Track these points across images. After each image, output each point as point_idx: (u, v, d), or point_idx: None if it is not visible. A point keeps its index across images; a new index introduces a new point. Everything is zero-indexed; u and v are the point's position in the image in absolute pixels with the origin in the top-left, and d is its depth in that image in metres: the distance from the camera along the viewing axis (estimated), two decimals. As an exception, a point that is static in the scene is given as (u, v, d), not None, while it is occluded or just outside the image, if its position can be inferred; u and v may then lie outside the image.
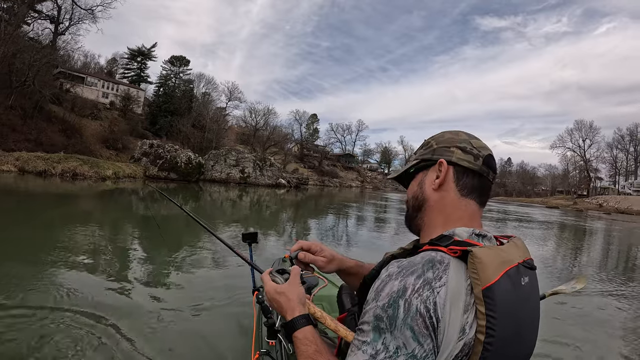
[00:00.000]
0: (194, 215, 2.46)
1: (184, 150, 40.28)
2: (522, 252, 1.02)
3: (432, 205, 1.08)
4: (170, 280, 5.81)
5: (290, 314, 1.12)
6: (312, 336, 1.06)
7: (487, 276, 0.85)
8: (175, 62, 64.46)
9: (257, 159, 47.54)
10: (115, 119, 48.59)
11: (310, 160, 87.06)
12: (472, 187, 1.05)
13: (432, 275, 0.85)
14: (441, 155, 1.08)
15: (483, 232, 1.00)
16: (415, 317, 0.82)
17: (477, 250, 0.87)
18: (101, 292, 4.85)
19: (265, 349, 2.48)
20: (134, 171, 34.27)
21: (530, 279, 0.98)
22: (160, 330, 4.01)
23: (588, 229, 25.16)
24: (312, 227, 14.04)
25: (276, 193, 36.61)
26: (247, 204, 23.09)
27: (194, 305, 4.75)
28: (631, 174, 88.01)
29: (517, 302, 0.91)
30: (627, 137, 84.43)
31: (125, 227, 10.71)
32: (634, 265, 11.26)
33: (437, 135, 1.17)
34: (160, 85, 63.69)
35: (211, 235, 2.31)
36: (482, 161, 1.05)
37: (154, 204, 18.46)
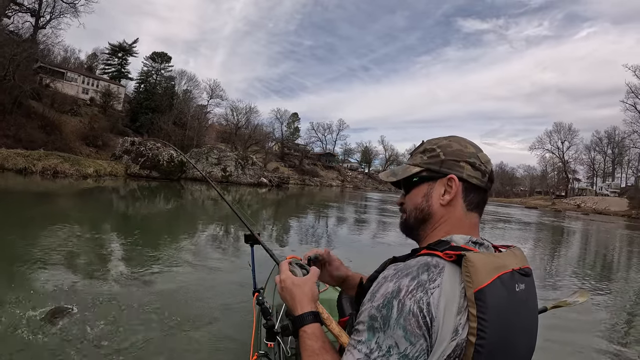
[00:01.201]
0: (237, 210, 2.40)
1: (166, 148, 39.98)
2: (518, 260, 1.03)
3: (437, 220, 1.09)
4: (168, 281, 5.87)
5: (301, 308, 1.14)
6: (320, 332, 1.09)
7: (479, 279, 0.88)
8: (156, 59, 63.98)
9: (239, 158, 47.43)
10: (95, 115, 47.99)
11: (291, 159, 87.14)
12: (477, 203, 1.08)
13: (426, 278, 0.88)
14: (450, 169, 1.08)
15: (480, 240, 1.04)
16: (407, 317, 0.85)
17: (470, 255, 0.90)
18: (97, 292, 4.92)
19: (263, 351, 2.56)
20: (115, 169, 34.02)
21: (527, 287, 1.01)
22: (159, 330, 4.09)
23: (570, 230, 26.38)
24: (296, 227, 14.32)
25: (258, 192, 36.70)
26: (233, 203, 23.02)
27: (193, 306, 4.85)
28: (608, 176, 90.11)
29: (510, 308, 0.93)
30: (605, 139, 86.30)
31: (119, 227, 10.75)
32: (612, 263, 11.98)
33: (442, 142, 1.13)
34: (141, 82, 63.19)
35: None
36: (488, 177, 1.08)
37: (135, 202, 18.58)
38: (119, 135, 45.38)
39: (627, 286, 8.81)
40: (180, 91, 66.07)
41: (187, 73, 67.94)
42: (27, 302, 4.37)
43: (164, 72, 64.42)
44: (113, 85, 59.44)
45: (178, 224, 13.03)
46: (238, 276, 6.25)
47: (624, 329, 5.85)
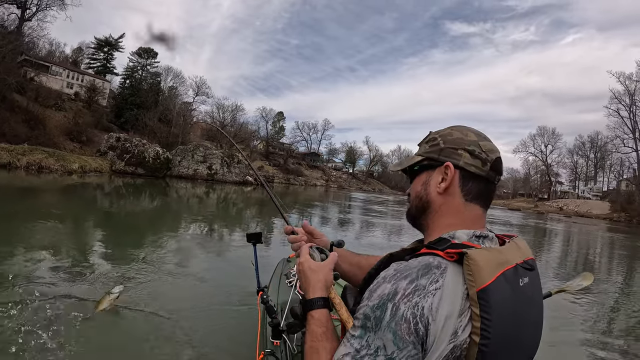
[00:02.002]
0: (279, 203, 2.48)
1: (152, 145, 39.96)
2: (522, 253, 1.02)
3: (436, 209, 1.09)
4: (173, 280, 5.90)
5: (313, 292, 1.15)
6: (326, 319, 1.09)
7: (482, 278, 0.86)
8: (142, 54, 63.13)
9: (224, 156, 47.47)
10: (79, 110, 47.26)
11: (276, 158, 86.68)
12: (477, 193, 1.05)
13: (426, 281, 0.87)
14: (448, 157, 1.07)
15: (484, 233, 1.02)
16: (399, 322, 0.84)
17: (472, 252, 0.88)
18: (99, 291, 4.89)
19: (269, 349, 2.57)
20: (101, 165, 34.03)
21: (531, 280, 0.99)
22: (164, 329, 4.15)
23: (554, 231, 27.18)
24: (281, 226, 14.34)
25: (243, 190, 36.89)
26: (227, 203, 23.36)
27: (198, 305, 4.91)
28: (591, 180, 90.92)
29: (514, 304, 0.92)
30: (588, 144, 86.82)
31: (116, 225, 10.81)
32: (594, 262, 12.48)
33: (445, 131, 1.13)
34: (126, 77, 62.27)
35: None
36: (490, 166, 1.04)
37: (120, 200, 18.51)
38: (104, 131, 45.01)
39: (610, 285, 9.34)
40: (165, 87, 65.45)
41: (174, 69, 67.48)
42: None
43: (150, 67, 63.63)
44: (98, 80, 58.66)
45: (173, 221, 13.09)
46: (241, 275, 6.23)
47: (608, 323, 6.26)
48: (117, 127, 51.03)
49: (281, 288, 3.62)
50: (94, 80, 57.60)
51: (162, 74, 65.44)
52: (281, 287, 3.64)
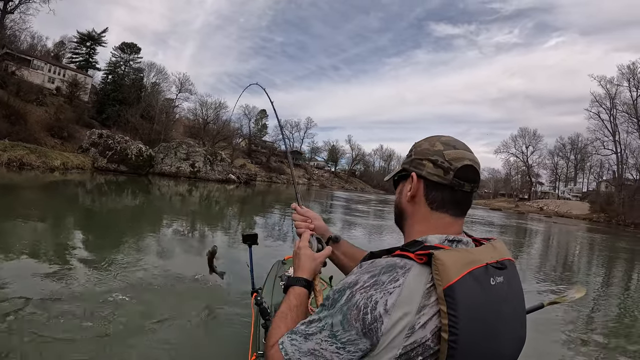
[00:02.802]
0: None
1: (135, 142, 39.76)
2: (496, 254, 1.04)
3: (408, 216, 1.14)
4: (164, 281, 5.91)
5: (301, 273, 1.28)
6: (303, 296, 1.21)
7: (448, 276, 0.88)
8: (125, 49, 62.69)
9: (207, 154, 47.47)
10: (61, 105, 46.65)
11: (258, 156, 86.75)
12: (441, 201, 1.08)
13: (386, 279, 0.90)
14: (415, 168, 1.11)
15: (458, 237, 1.04)
16: (351, 307, 0.90)
17: (438, 253, 0.91)
18: (96, 295, 4.93)
19: (262, 351, 2.54)
20: (83, 162, 33.81)
21: (507, 280, 1.01)
22: (157, 330, 4.13)
23: (535, 230, 28.21)
24: (270, 224, 14.41)
25: (226, 189, 36.81)
26: (214, 202, 23.19)
27: (192, 306, 4.92)
28: (570, 180, 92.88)
29: (485, 302, 0.94)
30: (569, 145, 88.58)
31: (106, 225, 10.83)
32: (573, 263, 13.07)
33: (420, 142, 1.18)
34: (109, 73, 61.75)
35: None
36: (454, 174, 1.06)
37: (102, 197, 18.41)
38: (85, 127, 44.55)
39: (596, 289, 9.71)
40: (148, 84, 65.08)
41: (157, 65, 67.09)
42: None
43: (133, 63, 63.26)
44: (80, 75, 57.94)
45: (160, 220, 13.02)
46: (235, 276, 6.10)
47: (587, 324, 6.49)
48: (98, 123, 50.53)
49: (275, 290, 3.67)
50: (75, 75, 56.87)
51: (145, 69, 65.14)
52: (275, 289, 3.68)
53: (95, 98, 58.47)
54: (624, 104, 62.82)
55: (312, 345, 0.94)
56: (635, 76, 60.31)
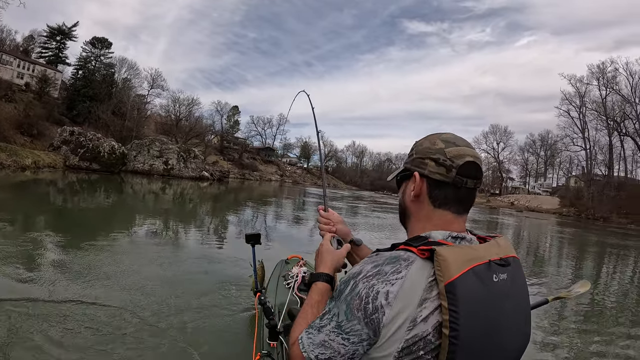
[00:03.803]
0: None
1: (107, 139, 39.30)
2: (500, 250, 1.04)
3: (411, 214, 1.16)
4: (169, 280, 5.90)
5: (322, 268, 1.31)
6: (325, 291, 1.22)
7: (449, 272, 0.89)
8: (96, 44, 61.42)
9: (181, 151, 47.20)
10: (30, 102, 45.60)
11: (230, 152, 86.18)
12: (445, 199, 1.08)
13: (389, 269, 0.92)
14: (417, 167, 1.12)
15: (461, 234, 1.05)
16: (354, 297, 0.93)
17: (440, 249, 0.92)
18: (100, 296, 4.88)
19: (266, 350, 2.56)
20: (54, 160, 33.48)
21: (510, 277, 1.01)
22: (160, 331, 4.12)
23: (505, 224, 29.24)
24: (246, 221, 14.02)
25: (200, 186, 36.50)
26: (188, 200, 22.54)
27: (195, 306, 4.90)
28: (541, 176, 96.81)
29: (486, 298, 0.94)
30: (539, 142, 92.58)
31: (101, 224, 10.85)
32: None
33: (420, 140, 1.19)
34: (79, 68, 60.56)
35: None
36: (456, 172, 1.06)
37: (74, 196, 17.90)
38: (55, 124, 43.79)
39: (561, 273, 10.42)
40: (119, 79, 64.15)
41: (128, 61, 66.13)
42: None
43: (104, 58, 62.17)
44: (50, 71, 56.80)
45: (151, 219, 12.85)
46: (238, 276, 6.24)
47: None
48: (69, 120, 49.67)
49: (279, 289, 3.66)
50: (45, 70, 55.58)
51: (116, 65, 63.97)
52: (279, 289, 3.68)
53: (65, 94, 57.22)
54: (593, 102, 64.93)
55: (322, 337, 0.98)
56: (605, 75, 62.28)
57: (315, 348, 0.98)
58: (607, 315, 6.79)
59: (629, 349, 5.22)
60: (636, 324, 6.39)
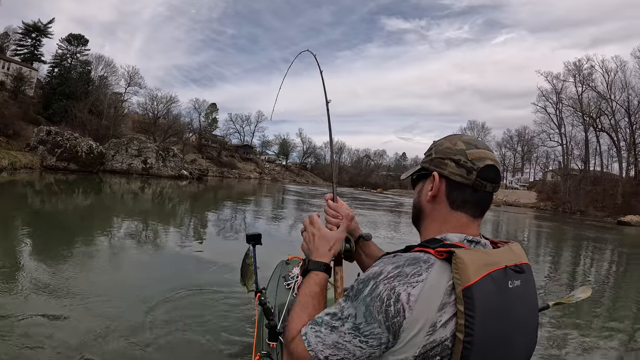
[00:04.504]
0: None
1: (85, 139, 38.98)
2: (514, 257, 1.03)
3: (426, 215, 1.13)
4: (169, 280, 5.96)
5: (320, 257, 1.22)
6: (324, 282, 1.17)
7: (467, 276, 0.88)
8: (72, 41, 60.42)
9: (159, 149, 47.07)
10: (5, 101, 44.89)
11: (209, 150, 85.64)
12: (463, 201, 1.07)
13: (410, 271, 0.90)
14: (436, 167, 1.10)
15: (476, 238, 1.03)
16: (374, 298, 0.89)
17: (459, 252, 0.90)
18: (99, 297, 4.94)
19: (265, 351, 2.53)
20: (31, 161, 33.12)
21: (523, 283, 1.00)
22: (160, 331, 4.15)
23: (487, 219, 29.35)
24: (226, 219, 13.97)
25: (179, 185, 36.31)
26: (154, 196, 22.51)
27: (194, 306, 4.95)
28: (518, 171, 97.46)
29: (501, 304, 0.93)
30: (516, 137, 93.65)
31: (96, 225, 10.90)
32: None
33: (440, 140, 1.17)
34: (55, 66, 59.70)
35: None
36: (476, 174, 1.05)
37: (51, 197, 17.72)
38: (31, 124, 43.13)
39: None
40: (96, 77, 63.29)
41: (105, 58, 65.24)
42: None
43: (80, 55, 61.23)
44: (25, 69, 55.89)
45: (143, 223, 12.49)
46: (238, 276, 6.55)
47: None
48: (45, 119, 48.98)
49: (279, 290, 3.63)
50: (20, 68, 54.70)
51: (93, 62, 63.05)
52: (279, 289, 3.64)
53: (41, 92, 56.44)
54: (569, 98, 65.87)
55: (336, 337, 0.94)
56: (581, 72, 63.25)
57: (326, 349, 0.95)
58: (585, 309, 6.80)
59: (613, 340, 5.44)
60: (614, 318, 6.51)
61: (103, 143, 43.01)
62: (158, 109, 73.01)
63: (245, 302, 5.13)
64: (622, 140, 60.54)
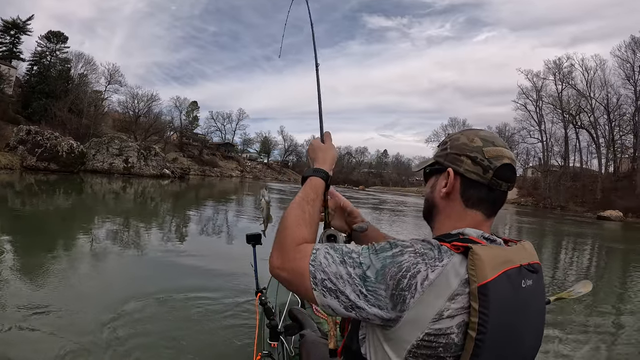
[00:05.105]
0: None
1: (65, 138, 38.53)
2: (527, 255, 1.02)
3: (440, 212, 1.12)
4: (171, 279, 6.01)
5: (319, 164, 1.27)
6: (321, 189, 1.19)
7: (484, 274, 0.86)
8: (52, 38, 59.68)
9: (141, 148, 46.78)
10: (-17, 100, 44.14)
11: (190, 149, 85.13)
12: (478, 200, 1.05)
13: (435, 254, 0.89)
14: (451, 163, 1.08)
15: (492, 237, 1.02)
16: (394, 263, 0.88)
17: (477, 248, 0.89)
18: (94, 297, 4.93)
19: (267, 351, 2.55)
20: (11, 161, 32.84)
21: (535, 283, 0.99)
22: (161, 331, 4.14)
23: None
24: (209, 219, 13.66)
25: (161, 184, 36.08)
26: (153, 200, 21.57)
27: (196, 306, 4.94)
28: None
29: (515, 303, 0.92)
30: (496, 134, 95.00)
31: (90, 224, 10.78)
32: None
33: (455, 135, 1.15)
34: (34, 63, 58.78)
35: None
36: (493, 173, 1.03)
37: (32, 198, 17.43)
38: (10, 123, 42.53)
39: None
40: (76, 75, 62.67)
41: (85, 55, 64.55)
42: None
43: (60, 53, 60.57)
44: (4, 67, 54.95)
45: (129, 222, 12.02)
46: (238, 276, 6.24)
47: None
48: (24, 118, 48.35)
49: (280, 290, 3.62)
50: (0, 66, 54.24)
51: (73, 60, 62.49)
52: (280, 289, 3.63)
53: (20, 91, 55.66)
54: (549, 96, 67.27)
55: (341, 270, 0.93)
56: (561, 71, 64.59)
57: (326, 272, 0.94)
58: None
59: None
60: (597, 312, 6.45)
61: (83, 142, 42.54)
62: (139, 107, 72.41)
63: (244, 302, 5.15)
64: (601, 137, 61.85)
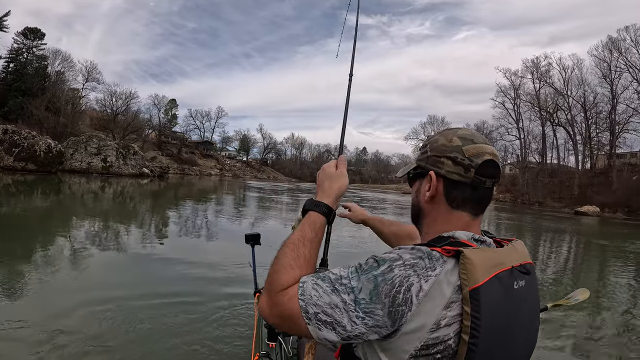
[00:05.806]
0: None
1: (43, 137, 38.22)
2: (519, 256, 1.01)
3: (426, 215, 1.11)
4: (168, 279, 6.01)
5: (321, 197, 1.19)
6: (321, 226, 1.12)
7: (475, 277, 0.86)
8: (28, 35, 59.35)
9: (119, 147, 46.55)
10: (-42, 99, 43.52)
11: (169, 147, 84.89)
12: (463, 200, 1.04)
13: (426, 264, 0.87)
14: (432, 165, 1.07)
15: (482, 238, 1.01)
16: (386, 281, 0.86)
17: (468, 251, 0.88)
18: (91, 293, 5.00)
19: (265, 351, 2.55)
20: (-12, 162, 32.41)
21: (527, 284, 0.98)
22: (160, 331, 4.15)
23: None
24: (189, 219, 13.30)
25: (140, 183, 35.81)
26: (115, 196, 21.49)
27: (194, 306, 4.95)
28: None
29: (507, 306, 0.92)
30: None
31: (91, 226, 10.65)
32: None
33: (435, 137, 1.13)
34: (10, 61, 58.30)
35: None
36: (475, 171, 1.02)
37: (9, 199, 17.11)
38: (-14, 122, 42.08)
39: None
40: (53, 72, 62.38)
41: (62, 53, 64.23)
42: None
43: (36, 50, 60.24)
44: (-21, 65, 54.82)
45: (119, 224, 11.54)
46: (238, 275, 6.28)
47: None
48: (0, 117, 48.17)
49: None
50: (-26, 64, 53.43)
51: (50, 57, 62.17)
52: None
53: (-5, 89, 55.25)
54: (527, 94, 68.75)
55: (336, 300, 0.90)
56: (539, 69, 66.20)
57: (318, 305, 0.91)
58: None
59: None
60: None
61: (61, 141, 42.22)
62: (117, 105, 72.43)
63: (242, 303, 5.17)
64: (578, 134, 63.55)
